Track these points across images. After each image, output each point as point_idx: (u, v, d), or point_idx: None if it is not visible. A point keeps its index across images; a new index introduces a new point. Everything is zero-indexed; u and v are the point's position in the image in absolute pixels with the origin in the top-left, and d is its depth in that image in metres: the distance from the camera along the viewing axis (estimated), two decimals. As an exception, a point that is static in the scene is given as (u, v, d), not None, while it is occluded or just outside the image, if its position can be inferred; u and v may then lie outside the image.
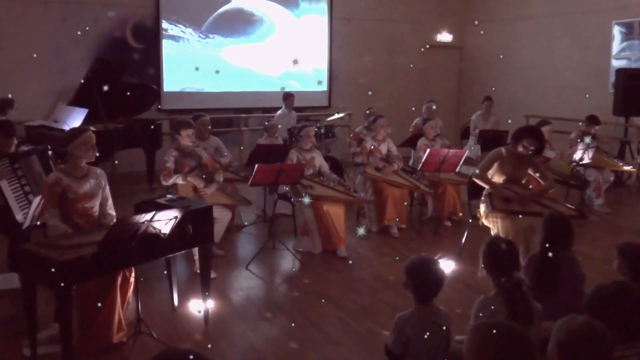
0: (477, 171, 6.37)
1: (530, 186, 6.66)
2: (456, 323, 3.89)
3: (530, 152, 6.06)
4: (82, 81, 9.08)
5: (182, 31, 11.83)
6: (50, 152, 6.13)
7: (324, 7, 13.40)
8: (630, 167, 9.68)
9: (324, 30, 13.45)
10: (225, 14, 12.29)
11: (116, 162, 10.21)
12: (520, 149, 6.06)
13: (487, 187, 6.21)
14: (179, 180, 6.39)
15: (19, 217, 5.52)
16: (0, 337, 4.83)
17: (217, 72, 12.22)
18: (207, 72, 12.23)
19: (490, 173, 6.26)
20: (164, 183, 6.42)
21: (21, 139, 6.46)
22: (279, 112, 10.91)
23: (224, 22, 12.29)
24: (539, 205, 6.07)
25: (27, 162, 5.88)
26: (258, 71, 12.75)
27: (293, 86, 12.89)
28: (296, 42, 13.14)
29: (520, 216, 5.84)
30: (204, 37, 12.10)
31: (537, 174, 6.37)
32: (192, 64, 12.02)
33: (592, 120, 9.39)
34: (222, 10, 12.26)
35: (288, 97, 10.96)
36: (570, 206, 6.40)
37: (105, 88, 8.83)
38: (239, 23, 12.49)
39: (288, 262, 6.94)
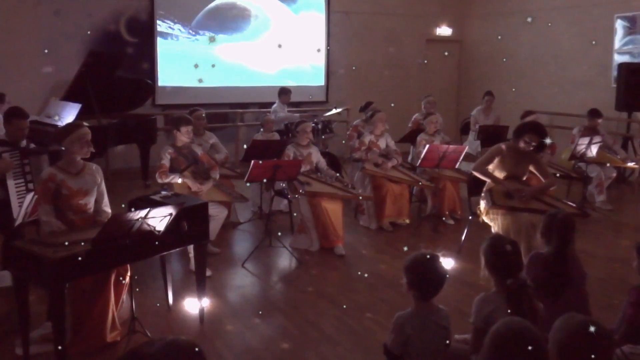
0: (476, 164, 6.37)
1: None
2: (456, 322, 3.89)
3: (531, 148, 6.05)
4: (76, 76, 9.05)
5: (170, 27, 11.78)
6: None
7: (321, 1, 13.39)
8: (633, 163, 9.67)
9: (322, 25, 13.43)
10: (217, 9, 12.27)
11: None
12: (521, 144, 6.04)
13: (486, 179, 6.20)
14: (175, 179, 6.39)
15: (16, 213, 5.52)
16: (-8, 336, 4.84)
17: (213, 66, 12.16)
18: (202, 67, 12.21)
19: (490, 169, 6.25)
20: (159, 181, 6.41)
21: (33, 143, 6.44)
22: (274, 106, 10.89)
23: (217, 17, 12.28)
24: (540, 203, 6.07)
25: (37, 160, 5.89)
26: (254, 66, 12.74)
27: (288, 82, 12.87)
28: (293, 36, 13.13)
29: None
30: (193, 33, 12.06)
31: (538, 171, 6.36)
32: (186, 59, 11.99)
33: (594, 113, 9.38)
34: (212, 5, 12.23)
35: (284, 92, 10.93)
36: (571, 204, 6.40)
37: (100, 80, 8.82)
38: (232, 18, 12.46)
39: (285, 260, 6.95)
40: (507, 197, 6.01)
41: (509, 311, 3.40)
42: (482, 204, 6.12)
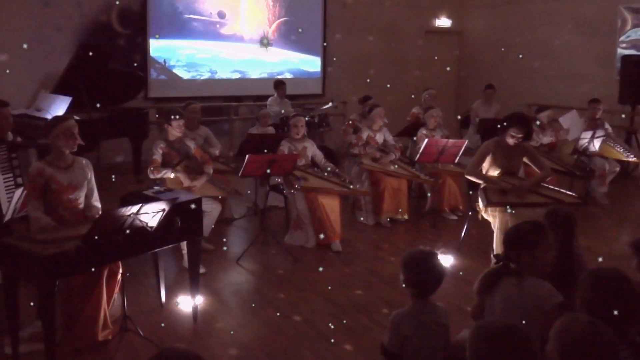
0: (467, 168, 6.40)
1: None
2: (455, 320, 3.90)
3: (519, 140, 6.07)
4: (66, 68, 9.04)
5: (161, 19, 11.77)
6: None
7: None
8: (636, 158, 9.64)
9: (318, 17, 13.40)
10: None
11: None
12: (509, 139, 6.08)
13: (481, 182, 6.21)
14: (167, 174, 6.38)
15: (5, 208, 5.51)
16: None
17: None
18: (197, 60, 12.21)
19: (485, 168, 6.27)
20: (151, 177, 6.41)
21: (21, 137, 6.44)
22: (270, 99, 10.89)
23: (210, 8, 12.26)
24: (538, 196, 6.08)
25: (25, 154, 5.88)
26: (249, 59, 12.73)
27: (284, 74, 12.87)
28: (289, 28, 13.11)
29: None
30: (182, 28, 12.06)
31: (532, 162, 6.37)
32: (185, 49, 11.98)
33: (592, 101, 9.40)
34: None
35: (279, 85, 10.94)
36: (570, 193, 6.39)
37: (91, 73, 8.81)
38: (225, 9, 12.44)
39: (280, 257, 6.94)
40: (503, 194, 6.02)
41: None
42: (480, 202, 6.14)
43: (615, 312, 2.81)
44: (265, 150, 7.38)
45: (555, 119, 9.41)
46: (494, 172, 6.22)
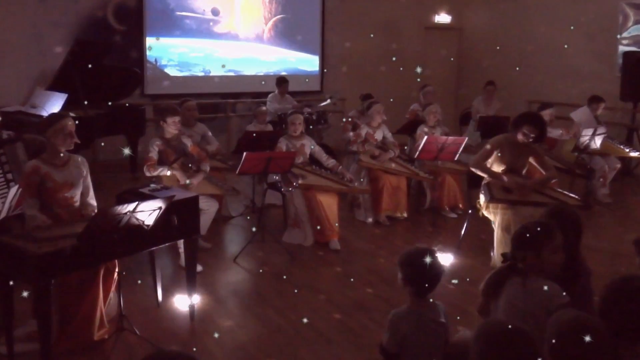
0: (473, 159, 6.37)
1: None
2: (455, 319, 3.91)
3: (530, 140, 6.05)
4: (62, 65, 9.03)
5: (158, 15, 11.75)
6: None
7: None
8: (637, 153, 9.62)
9: (317, 13, 13.39)
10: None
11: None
12: (520, 136, 6.04)
13: (485, 176, 6.20)
14: (164, 172, 6.38)
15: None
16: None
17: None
18: (189, 59, 12.18)
19: (489, 163, 6.25)
20: (147, 174, 6.40)
21: (8, 131, 6.41)
22: (270, 96, 10.86)
23: (206, 3, 12.24)
24: (541, 195, 6.08)
25: (13, 150, 5.86)
26: (246, 56, 12.71)
27: (282, 71, 12.85)
28: (287, 24, 13.10)
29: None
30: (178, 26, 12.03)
31: (539, 164, 6.36)
32: (177, 48, 11.97)
33: (596, 99, 9.41)
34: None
35: (282, 83, 10.90)
36: (573, 195, 6.40)
37: (87, 70, 8.80)
38: (223, 5, 12.43)
39: (278, 255, 6.93)
40: (506, 191, 6.02)
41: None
42: (482, 198, 6.13)
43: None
44: (263, 148, 7.39)
45: (561, 116, 9.44)
46: (499, 168, 6.21)
